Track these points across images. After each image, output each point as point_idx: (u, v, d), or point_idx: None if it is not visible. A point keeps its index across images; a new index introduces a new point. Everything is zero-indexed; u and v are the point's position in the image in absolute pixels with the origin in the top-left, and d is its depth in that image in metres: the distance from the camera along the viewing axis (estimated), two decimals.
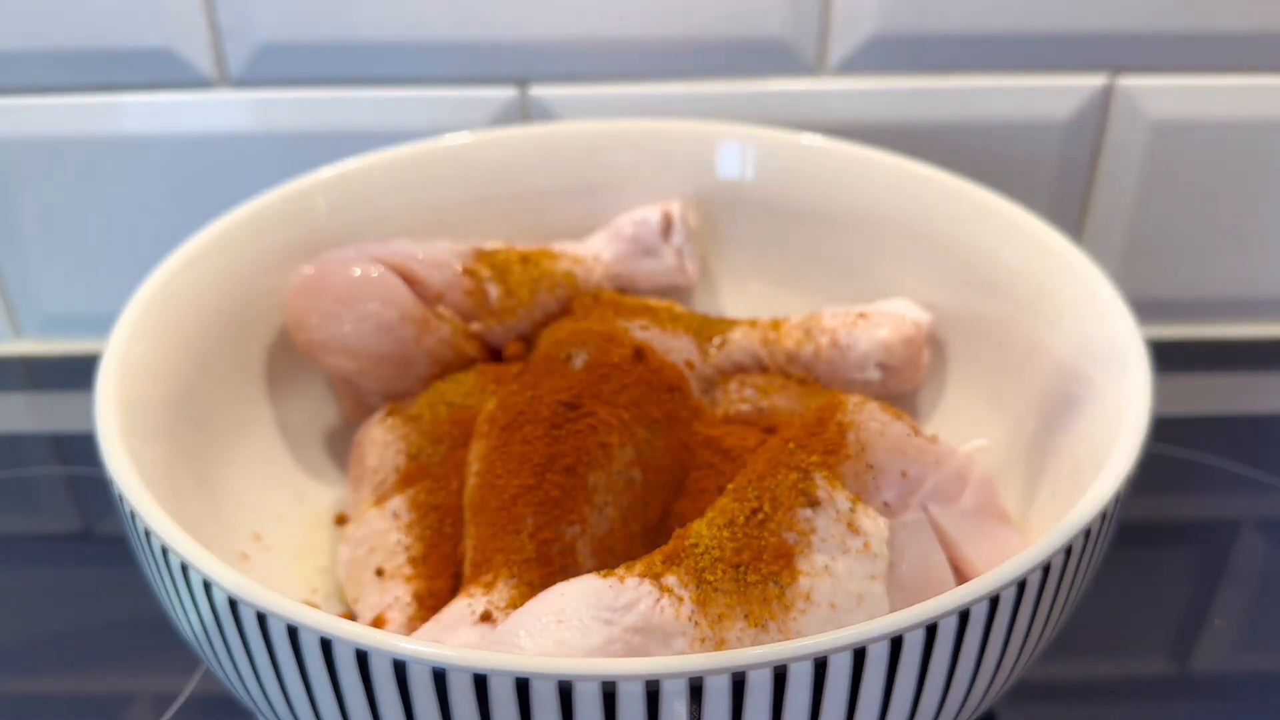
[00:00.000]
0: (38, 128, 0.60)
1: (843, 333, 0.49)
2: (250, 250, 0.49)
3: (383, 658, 0.30)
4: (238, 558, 0.44)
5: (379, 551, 0.42)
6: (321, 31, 0.58)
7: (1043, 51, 0.59)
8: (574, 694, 0.29)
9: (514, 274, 0.50)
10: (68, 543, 0.54)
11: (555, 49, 0.59)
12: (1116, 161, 0.61)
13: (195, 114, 0.60)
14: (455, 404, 0.46)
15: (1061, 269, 0.46)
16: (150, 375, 0.42)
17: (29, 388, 0.64)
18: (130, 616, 0.48)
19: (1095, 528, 0.34)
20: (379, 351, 0.48)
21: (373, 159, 0.53)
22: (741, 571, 0.35)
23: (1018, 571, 0.32)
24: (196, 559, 0.33)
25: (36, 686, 0.46)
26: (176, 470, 0.41)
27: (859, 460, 0.37)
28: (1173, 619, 0.49)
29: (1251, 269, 0.65)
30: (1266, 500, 0.54)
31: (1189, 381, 0.63)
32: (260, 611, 0.31)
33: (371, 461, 0.46)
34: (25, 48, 0.58)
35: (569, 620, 0.33)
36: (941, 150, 0.58)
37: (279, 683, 0.33)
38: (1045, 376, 0.46)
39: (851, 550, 0.36)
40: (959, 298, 0.50)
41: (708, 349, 0.49)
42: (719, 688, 0.30)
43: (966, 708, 0.34)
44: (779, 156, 0.54)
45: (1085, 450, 0.41)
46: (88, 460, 0.57)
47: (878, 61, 0.59)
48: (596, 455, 0.40)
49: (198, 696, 0.45)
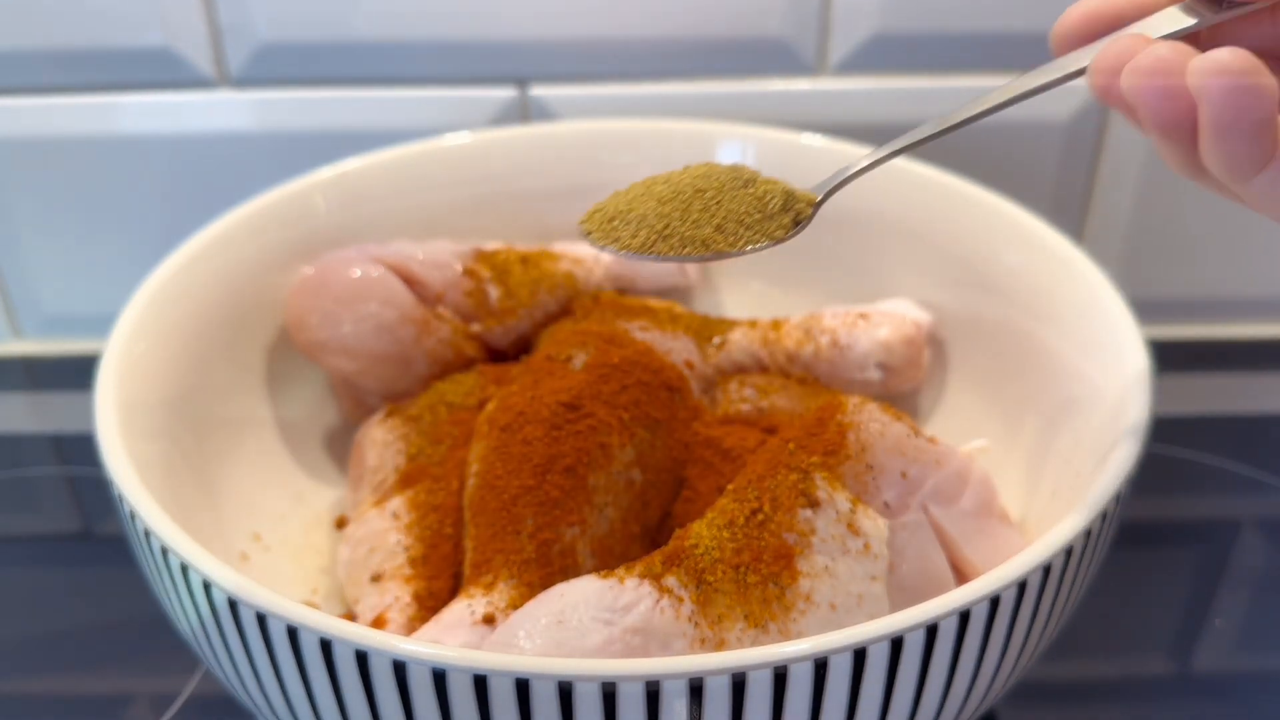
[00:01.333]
0: (38, 127, 0.60)
1: (843, 333, 0.49)
2: (250, 250, 0.49)
3: (383, 658, 0.30)
4: (237, 558, 0.44)
5: (379, 552, 0.42)
6: (321, 31, 0.58)
7: (1043, 51, 0.59)
8: (574, 695, 0.29)
9: (514, 275, 0.50)
10: (68, 543, 0.54)
11: (555, 49, 0.59)
12: (1117, 162, 0.61)
13: (195, 114, 0.60)
14: (455, 404, 0.46)
15: (1062, 269, 0.46)
16: (150, 376, 0.42)
17: (29, 388, 0.64)
18: (130, 617, 0.48)
19: (1095, 528, 0.34)
20: (379, 352, 0.48)
21: (372, 159, 0.53)
22: (741, 572, 0.35)
23: (1018, 572, 0.32)
24: (196, 559, 0.33)
25: (37, 686, 0.46)
26: (176, 470, 0.41)
27: (859, 461, 0.37)
28: (1173, 619, 0.49)
29: (1251, 269, 0.65)
30: (1266, 500, 0.54)
31: (1189, 381, 0.63)
32: (260, 612, 0.31)
33: (371, 461, 0.46)
34: (25, 48, 0.58)
35: (569, 621, 0.33)
36: (942, 151, 0.58)
37: (279, 683, 0.33)
38: (1045, 376, 0.46)
39: (852, 551, 0.36)
40: (959, 298, 0.50)
41: (708, 349, 0.49)
42: (719, 688, 0.30)
43: (967, 708, 0.35)
44: (779, 156, 0.54)
45: (1085, 450, 0.41)
46: (88, 460, 0.56)
47: (877, 61, 0.59)
48: (596, 456, 0.40)
49: (197, 697, 0.45)
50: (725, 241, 0.34)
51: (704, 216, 0.34)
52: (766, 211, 0.35)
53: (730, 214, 0.35)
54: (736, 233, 0.35)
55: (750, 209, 0.35)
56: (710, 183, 0.35)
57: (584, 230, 0.36)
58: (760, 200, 0.35)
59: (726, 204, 0.35)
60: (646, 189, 0.36)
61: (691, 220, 0.34)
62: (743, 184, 0.35)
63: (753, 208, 0.35)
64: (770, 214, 0.35)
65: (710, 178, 0.35)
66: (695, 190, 0.35)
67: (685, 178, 0.36)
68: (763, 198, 0.35)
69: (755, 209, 0.35)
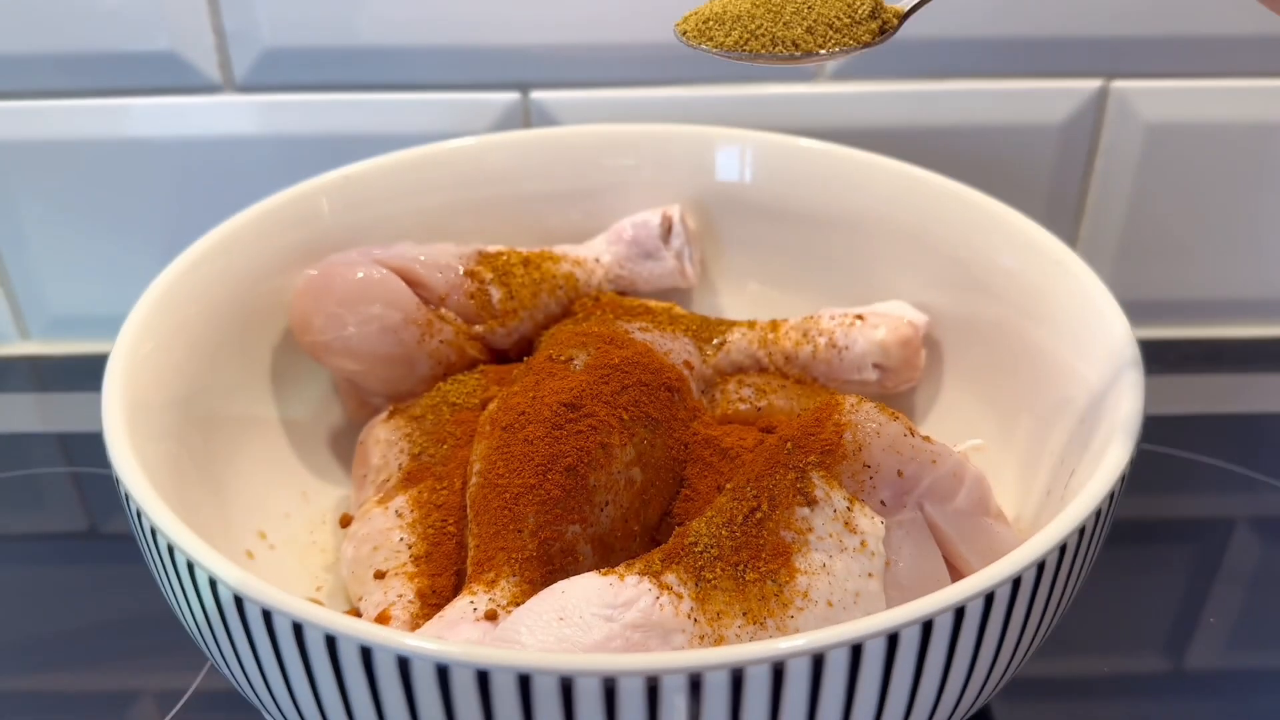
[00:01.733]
0: (45, 131, 0.60)
1: (840, 334, 0.49)
2: (255, 252, 0.49)
3: (387, 654, 0.30)
4: (243, 555, 0.44)
5: (383, 550, 0.42)
6: (325, 37, 0.58)
7: (1038, 56, 0.59)
8: (575, 689, 0.30)
9: (516, 276, 0.51)
10: (75, 541, 0.54)
11: (556, 54, 0.59)
12: (1111, 164, 0.62)
13: (201, 118, 0.60)
14: (457, 404, 0.46)
15: (1056, 271, 0.46)
16: (156, 376, 0.43)
17: (36, 388, 0.64)
18: (136, 614, 0.49)
19: (1089, 526, 0.35)
20: (382, 353, 0.48)
21: (376, 163, 0.53)
22: (740, 569, 0.36)
23: (1013, 569, 0.32)
24: (202, 556, 0.33)
25: (43, 683, 0.46)
26: (182, 469, 0.42)
27: (856, 460, 0.38)
28: (1167, 616, 0.49)
29: (1243, 270, 0.65)
30: (1259, 498, 0.55)
31: (1182, 381, 0.63)
32: (265, 608, 0.32)
33: (375, 461, 0.46)
34: (33, 52, 0.58)
35: (570, 617, 0.33)
36: (938, 154, 0.59)
37: (284, 679, 0.33)
38: (1040, 376, 0.46)
39: (849, 548, 0.37)
40: (955, 299, 0.51)
41: (707, 350, 0.50)
42: (718, 683, 0.30)
43: (962, 704, 0.35)
44: (777, 160, 0.55)
45: (1079, 449, 0.41)
46: (95, 460, 0.57)
47: (874, 66, 0.59)
48: (597, 455, 0.40)
49: (203, 693, 0.45)
50: (815, 42, 0.36)
51: (795, 18, 0.36)
52: (856, 17, 0.37)
53: (820, 17, 0.36)
54: (826, 35, 0.37)
55: (840, 13, 0.37)
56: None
57: (679, 30, 0.38)
58: (850, 5, 0.37)
59: (818, 7, 0.37)
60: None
61: (784, 21, 0.36)
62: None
63: (842, 12, 0.37)
64: (859, 19, 0.37)
65: None
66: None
67: None
68: (852, 3, 0.37)
69: (845, 13, 0.37)
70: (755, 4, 0.37)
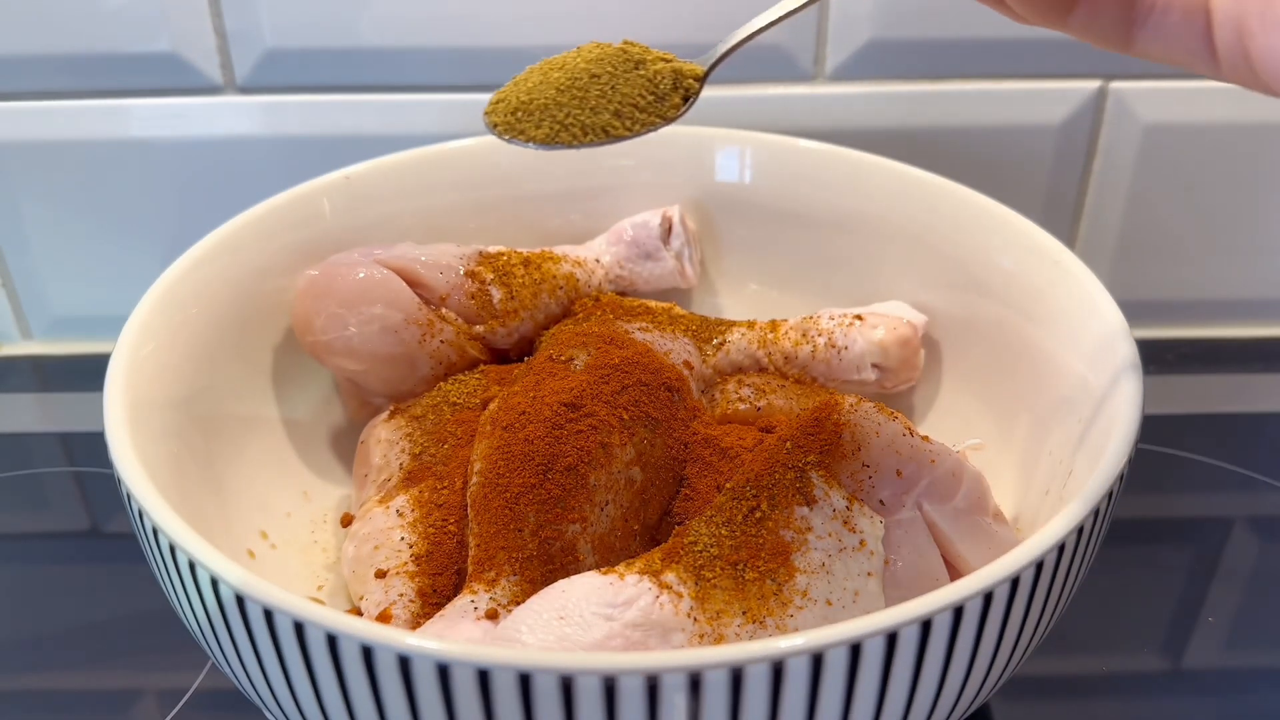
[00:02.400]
0: (47, 131, 0.60)
1: (839, 334, 0.49)
2: (256, 253, 0.49)
3: (388, 653, 0.30)
4: (244, 555, 0.44)
5: (384, 549, 0.42)
6: (326, 38, 0.59)
7: (1036, 57, 0.60)
8: (575, 688, 0.30)
9: (516, 277, 0.51)
10: (76, 540, 0.54)
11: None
12: (1109, 165, 0.62)
13: (202, 118, 0.60)
14: (458, 404, 0.47)
15: (1054, 271, 0.46)
16: (158, 376, 0.43)
17: (38, 388, 0.64)
18: (138, 613, 0.49)
19: (1088, 525, 0.35)
20: (383, 353, 0.48)
21: (377, 163, 0.53)
22: (739, 569, 0.36)
23: (1011, 568, 0.32)
24: (203, 556, 0.33)
25: (45, 682, 0.46)
26: (184, 469, 0.42)
27: (855, 459, 0.38)
28: (1165, 615, 0.49)
29: (1241, 270, 0.65)
30: (1257, 497, 0.55)
31: (1180, 381, 0.63)
32: (267, 607, 0.32)
33: (376, 460, 0.46)
34: (35, 53, 0.59)
35: (570, 616, 0.34)
36: (936, 155, 0.59)
37: (285, 678, 0.33)
38: (1038, 376, 0.46)
39: (848, 548, 0.37)
40: (953, 299, 0.51)
41: (706, 350, 0.50)
42: (718, 682, 0.30)
43: (961, 703, 0.35)
44: (777, 161, 0.55)
45: (1077, 449, 0.41)
46: (96, 459, 0.57)
47: (873, 68, 0.60)
48: (597, 455, 0.40)
49: (205, 692, 0.45)
50: (623, 127, 0.36)
51: (601, 103, 0.36)
52: (659, 92, 0.37)
53: (625, 98, 0.36)
54: (633, 116, 0.36)
55: (643, 91, 0.37)
56: (604, 67, 0.37)
57: (489, 123, 0.38)
58: (652, 81, 0.37)
59: (621, 88, 0.36)
60: (544, 76, 0.37)
61: (590, 108, 0.36)
62: (634, 65, 0.37)
63: (645, 89, 0.37)
64: (662, 94, 0.37)
65: (603, 61, 0.37)
66: (590, 76, 0.36)
67: (579, 61, 0.37)
68: (654, 78, 0.37)
69: (648, 90, 0.37)
70: (559, 89, 0.36)
